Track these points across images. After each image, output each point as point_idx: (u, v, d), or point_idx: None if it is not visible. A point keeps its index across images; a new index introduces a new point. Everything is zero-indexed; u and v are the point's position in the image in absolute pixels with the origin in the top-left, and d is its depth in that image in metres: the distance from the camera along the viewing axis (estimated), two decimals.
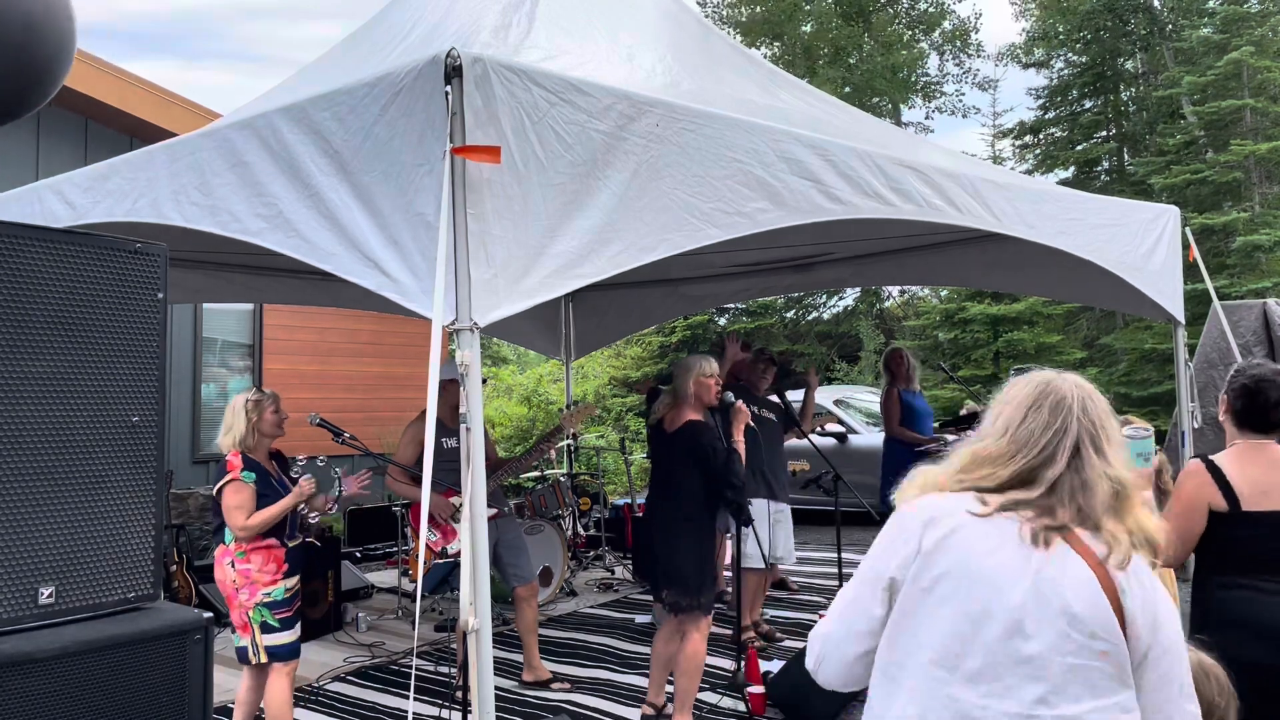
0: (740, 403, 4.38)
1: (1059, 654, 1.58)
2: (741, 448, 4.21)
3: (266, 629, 3.86)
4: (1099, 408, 1.73)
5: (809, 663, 1.84)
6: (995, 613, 1.61)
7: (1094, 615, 1.59)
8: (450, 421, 4.89)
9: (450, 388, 4.89)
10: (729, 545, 6.30)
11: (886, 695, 1.70)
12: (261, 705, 4.01)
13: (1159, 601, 1.64)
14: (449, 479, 4.78)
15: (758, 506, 5.46)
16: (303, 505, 4.00)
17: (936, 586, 1.66)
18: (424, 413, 4.88)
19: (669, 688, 4.35)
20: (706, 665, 5.17)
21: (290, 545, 3.99)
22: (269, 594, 3.86)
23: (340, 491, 4.13)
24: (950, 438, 6.97)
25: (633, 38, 4.27)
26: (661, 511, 4.23)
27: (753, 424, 4.36)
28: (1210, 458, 2.94)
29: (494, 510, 4.93)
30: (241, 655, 3.91)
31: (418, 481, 4.69)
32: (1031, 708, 1.58)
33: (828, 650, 1.80)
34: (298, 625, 3.99)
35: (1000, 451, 1.72)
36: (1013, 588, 1.61)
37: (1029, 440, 1.71)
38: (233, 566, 3.88)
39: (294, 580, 3.98)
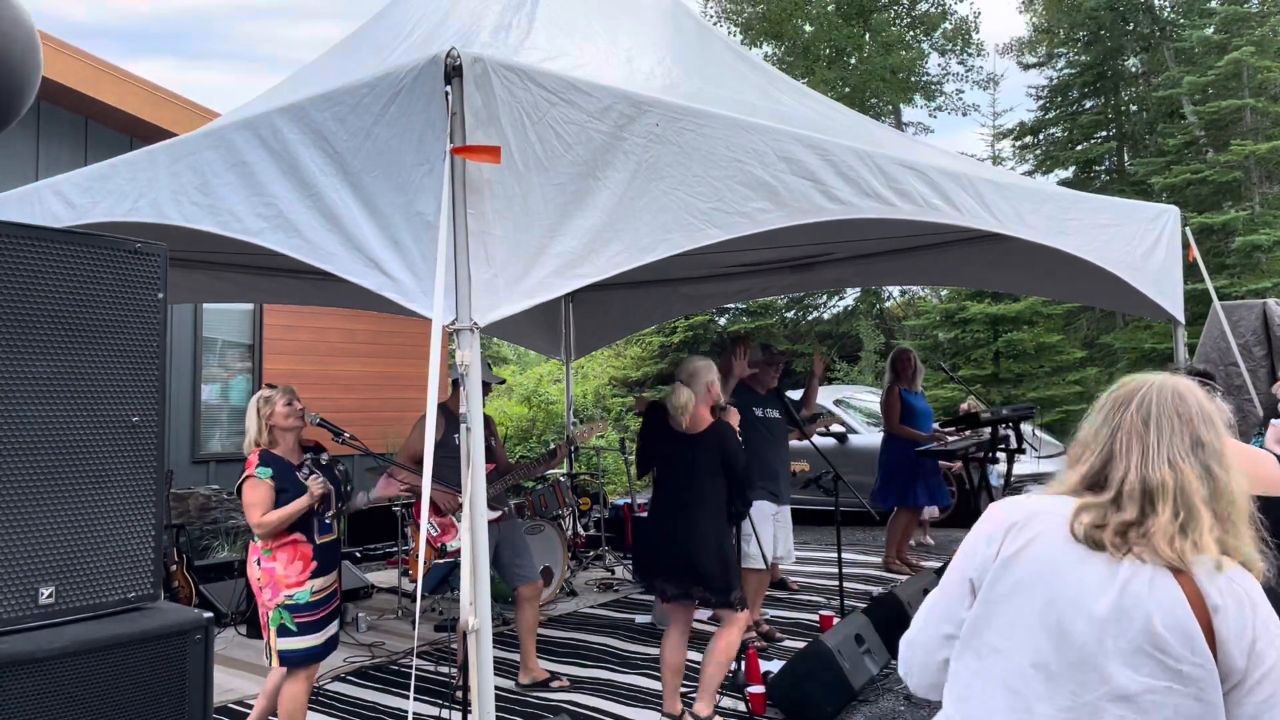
0: (732, 408, 4.41)
1: (1139, 675, 1.48)
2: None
3: (283, 632, 3.78)
4: (1174, 404, 1.61)
5: (900, 669, 1.79)
6: (1073, 629, 1.53)
7: (1179, 637, 1.47)
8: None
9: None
10: None
11: (960, 702, 1.64)
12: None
13: (1259, 621, 1.49)
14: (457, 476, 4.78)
15: (759, 508, 5.46)
16: (317, 505, 3.94)
17: (1014, 596, 1.58)
18: (441, 405, 4.90)
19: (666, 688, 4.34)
20: None
21: (319, 542, 3.89)
22: (291, 596, 3.78)
23: (371, 494, 4.09)
24: (951, 436, 6.98)
25: (632, 40, 4.27)
26: (686, 512, 4.17)
27: (741, 428, 4.39)
28: None
29: (499, 512, 4.93)
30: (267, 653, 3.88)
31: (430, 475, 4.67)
32: None
33: (914, 656, 1.75)
34: (325, 629, 3.88)
35: (1072, 455, 1.68)
36: (1094, 603, 1.52)
37: (1091, 440, 1.64)
38: (259, 565, 3.83)
39: (324, 580, 3.87)
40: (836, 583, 5.87)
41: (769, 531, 5.50)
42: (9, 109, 2.29)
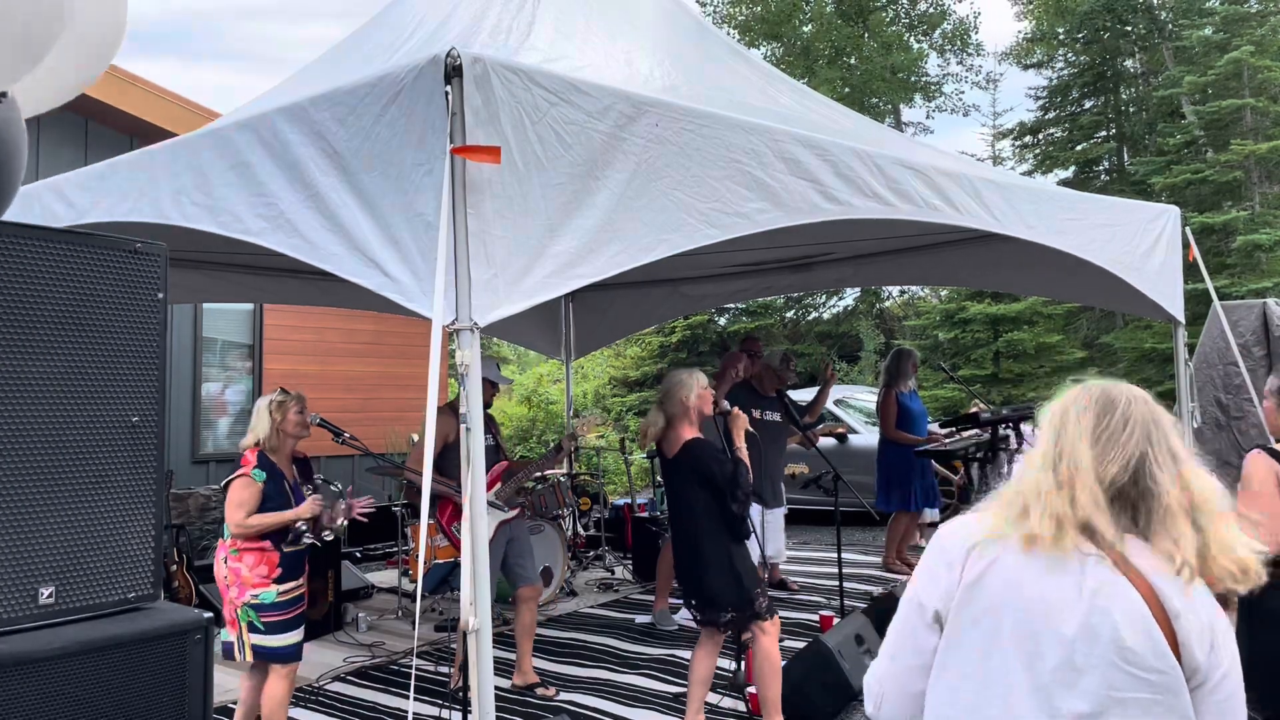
0: (736, 409, 4.28)
1: (1108, 688, 1.50)
2: (745, 454, 4.08)
3: (253, 629, 3.85)
4: (1151, 414, 1.60)
5: (868, 707, 1.77)
6: (1046, 648, 1.53)
7: (1146, 645, 1.49)
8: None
9: (486, 388, 4.95)
10: None
11: None
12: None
13: (1216, 622, 1.51)
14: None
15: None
16: (302, 523, 3.95)
17: (984, 619, 1.59)
18: (450, 405, 4.87)
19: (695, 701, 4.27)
20: None
21: (286, 550, 3.94)
22: (256, 596, 3.84)
23: (343, 520, 4.10)
24: (948, 437, 6.98)
25: (631, 41, 4.28)
26: (687, 536, 4.10)
27: (752, 429, 4.28)
28: (1267, 446, 2.94)
29: (516, 510, 4.94)
30: (227, 650, 3.86)
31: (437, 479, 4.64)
32: None
33: (887, 689, 1.73)
34: (297, 630, 3.93)
35: (1034, 466, 1.63)
36: (1063, 620, 1.52)
37: (1063, 453, 1.59)
38: (225, 563, 3.90)
39: (290, 584, 3.93)
40: (836, 583, 5.87)
41: (757, 531, 5.50)
42: None
